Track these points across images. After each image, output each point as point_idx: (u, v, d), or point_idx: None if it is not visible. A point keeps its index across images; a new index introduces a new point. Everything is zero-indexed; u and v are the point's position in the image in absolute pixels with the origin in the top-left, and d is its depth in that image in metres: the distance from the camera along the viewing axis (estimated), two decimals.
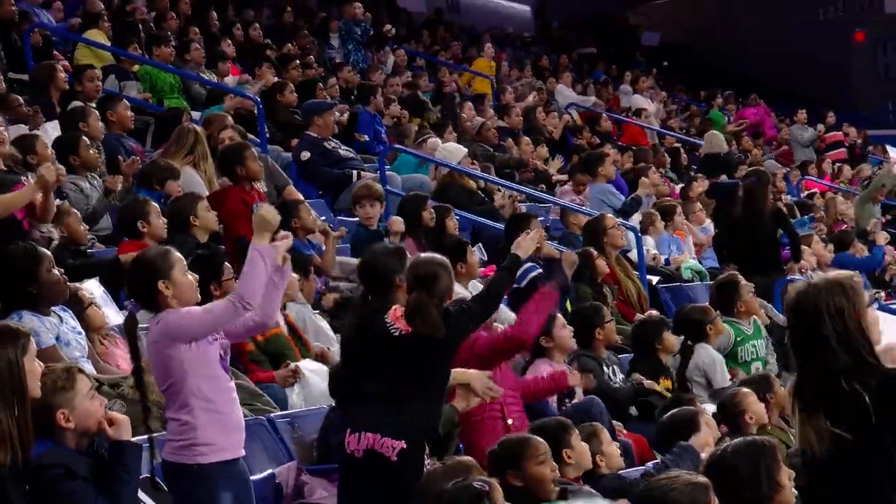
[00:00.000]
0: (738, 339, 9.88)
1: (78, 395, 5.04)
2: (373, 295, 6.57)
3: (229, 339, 5.86)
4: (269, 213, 5.80)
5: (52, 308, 7.06)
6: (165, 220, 8.83)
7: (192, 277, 5.83)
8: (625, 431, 8.25)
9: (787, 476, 5.07)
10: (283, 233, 5.89)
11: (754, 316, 10.12)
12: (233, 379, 5.95)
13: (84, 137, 9.97)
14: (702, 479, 5.04)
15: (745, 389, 7.81)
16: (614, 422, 8.11)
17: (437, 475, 5.84)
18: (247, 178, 9.85)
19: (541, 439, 6.32)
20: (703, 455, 6.46)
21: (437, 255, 6.64)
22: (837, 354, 4.35)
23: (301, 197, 10.91)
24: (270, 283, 5.73)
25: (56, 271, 7.13)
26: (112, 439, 5.10)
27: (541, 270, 10.21)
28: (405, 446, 6.07)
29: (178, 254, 5.85)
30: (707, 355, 9.29)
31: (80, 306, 7.37)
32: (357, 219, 10.90)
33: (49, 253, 7.26)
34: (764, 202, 12.23)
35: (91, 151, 9.94)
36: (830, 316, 4.38)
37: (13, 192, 7.99)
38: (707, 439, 6.90)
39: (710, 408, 8.03)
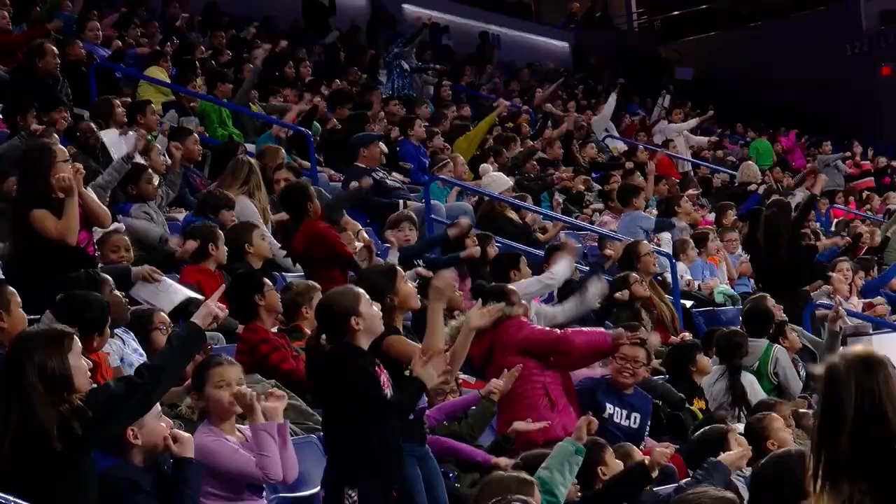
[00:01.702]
0: None
1: (148, 414, 5.25)
2: (326, 333, 6.13)
3: None
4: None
5: (115, 331, 7.27)
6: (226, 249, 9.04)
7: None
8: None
9: None
10: (277, 393, 5.94)
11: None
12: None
13: (149, 170, 10.20)
14: (729, 494, 5.14)
15: (773, 415, 7.77)
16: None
17: (494, 488, 5.68)
18: (314, 213, 10.07)
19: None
20: (737, 474, 6.59)
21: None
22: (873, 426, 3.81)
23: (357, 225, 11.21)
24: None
25: (117, 294, 7.43)
26: (176, 456, 5.31)
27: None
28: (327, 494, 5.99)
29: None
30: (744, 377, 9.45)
31: (144, 330, 7.52)
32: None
33: (109, 277, 7.53)
34: (782, 231, 12.46)
35: (150, 184, 10.17)
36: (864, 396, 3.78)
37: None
38: (737, 456, 7.03)
39: (741, 427, 8.06)
